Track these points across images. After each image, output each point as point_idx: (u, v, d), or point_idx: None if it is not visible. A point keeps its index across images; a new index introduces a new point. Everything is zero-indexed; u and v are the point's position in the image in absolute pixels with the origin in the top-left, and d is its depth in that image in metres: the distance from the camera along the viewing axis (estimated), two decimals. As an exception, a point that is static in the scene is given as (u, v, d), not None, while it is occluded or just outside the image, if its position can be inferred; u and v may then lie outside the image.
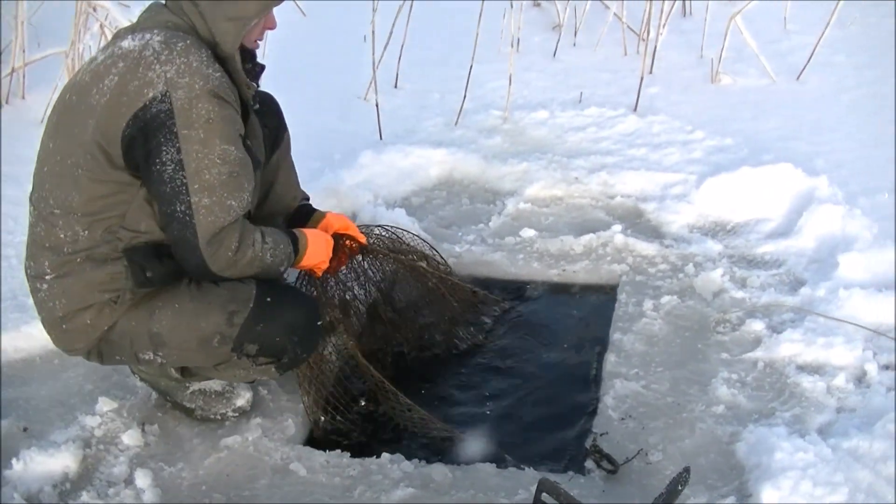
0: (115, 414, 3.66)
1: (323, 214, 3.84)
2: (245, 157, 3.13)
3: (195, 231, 3.02)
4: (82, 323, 3.22)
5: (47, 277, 3.18)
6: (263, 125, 3.51)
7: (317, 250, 3.53)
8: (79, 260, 3.14)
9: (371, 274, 4.08)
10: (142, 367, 3.60)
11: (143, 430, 3.59)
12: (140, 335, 3.25)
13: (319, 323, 3.49)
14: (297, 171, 3.92)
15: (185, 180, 2.98)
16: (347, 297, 4.00)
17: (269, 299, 3.30)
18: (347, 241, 3.80)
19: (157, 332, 3.24)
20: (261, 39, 3.34)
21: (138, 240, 3.18)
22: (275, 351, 3.35)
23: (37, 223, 3.20)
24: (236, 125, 3.11)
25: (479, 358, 4.08)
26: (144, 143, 2.98)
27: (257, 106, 3.37)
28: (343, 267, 3.90)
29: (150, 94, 2.95)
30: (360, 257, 3.97)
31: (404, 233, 4.18)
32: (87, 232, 3.11)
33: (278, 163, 3.76)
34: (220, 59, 3.12)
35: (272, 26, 3.30)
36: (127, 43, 3.06)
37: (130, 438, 3.53)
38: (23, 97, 6.56)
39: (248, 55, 3.27)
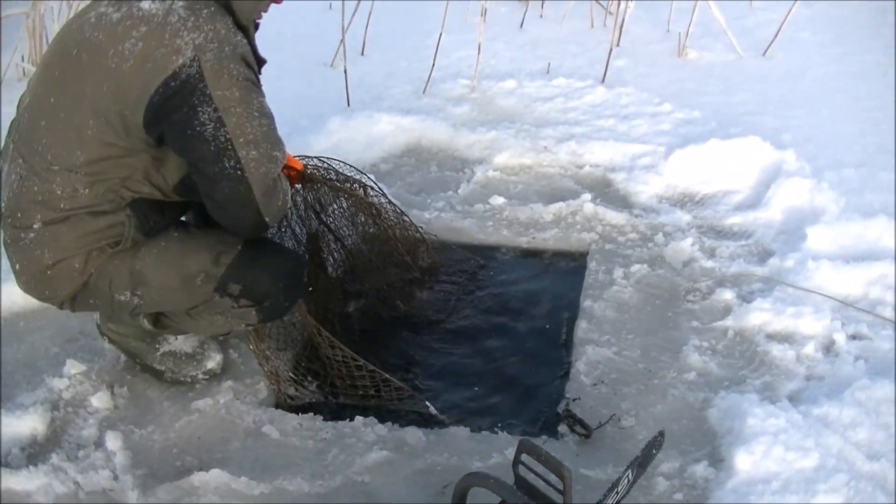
0: (84, 376, 3.63)
1: None
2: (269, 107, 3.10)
3: (249, 185, 2.99)
4: (70, 268, 3.12)
5: (35, 226, 3.07)
6: None
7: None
8: (73, 214, 3.04)
9: (310, 202, 3.98)
10: (111, 326, 3.59)
11: (112, 393, 3.56)
12: (121, 273, 3.17)
13: (305, 278, 3.49)
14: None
15: (228, 136, 2.92)
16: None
17: (257, 245, 3.29)
18: (283, 170, 3.73)
19: (140, 270, 3.17)
20: (265, 12, 3.25)
21: (142, 197, 3.12)
22: (258, 294, 3.31)
23: (28, 177, 3.05)
24: (257, 76, 3.08)
25: (448, 324, 4.07)
26: (176, 109, 2.89)
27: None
28: None
29: (179, 62, 2.86)
30: (298, 185, 3.84)
31: (339, 163, 4.07)
32: (87, 190, 3.02)
33: None
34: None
35: (279, 0, 3.21)
36: (147, 5, 2.94)
37: (99, 401, 3.51)
38: (-23, 59, 6.48)
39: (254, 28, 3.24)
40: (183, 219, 3.48)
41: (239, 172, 2.96)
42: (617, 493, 2.77)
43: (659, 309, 3.95)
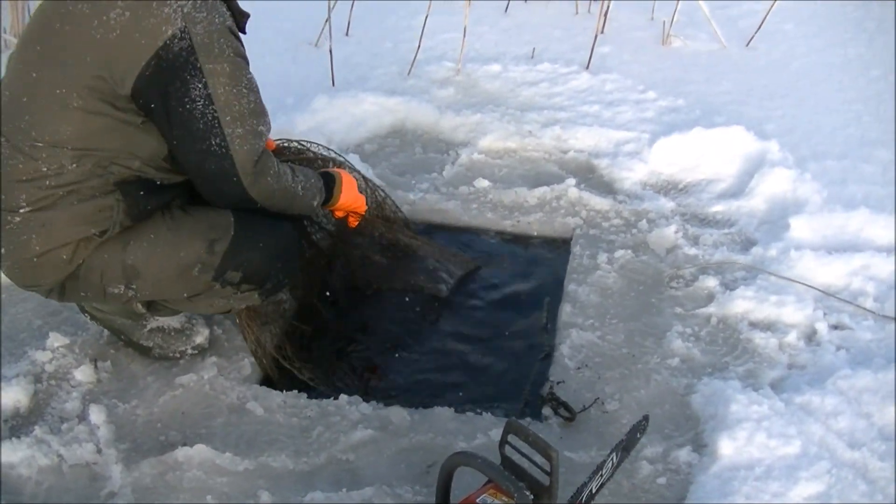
0: (67, 350, 3.61)
1: None
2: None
3: (233, 161, 2.99)
4: (58, 258, 3.06)
5: (22, 210, 2.99)
6: None
7: (351, 189, 3.59)
8: (62, 193, 2.98)
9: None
10: (95, 304, 3.54)
11: (95, 367, 3.54)
12: (112, 268, 3.13)
13: (298, 249, 3.51)
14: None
15: (216, 114, 2.92)
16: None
17: (248, 226, 3.26)
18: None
19: (132, 265, 3.13)
20: None
21: (130, 174, 3.06)
22: (258, 277, 3.31)
23: (12, 156, 2.97)
24: (247, 59, 3.08)
25: (433, 305, 4.08)
26: (168, 83, 2.88)
27: None
28: None
29: (169, 32, 2.83)
30: None
31: (319, 146, 4.07)
32: (75, 165, 2.96)
33: None
34: None
35: None
36: None
37: (83, 374, 3.49)
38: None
39: None
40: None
41: (224, 150, 2.97)
42: (601, 475, 2.79)
43: (642, 294, 3.96)
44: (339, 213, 3.72)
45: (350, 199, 3.59)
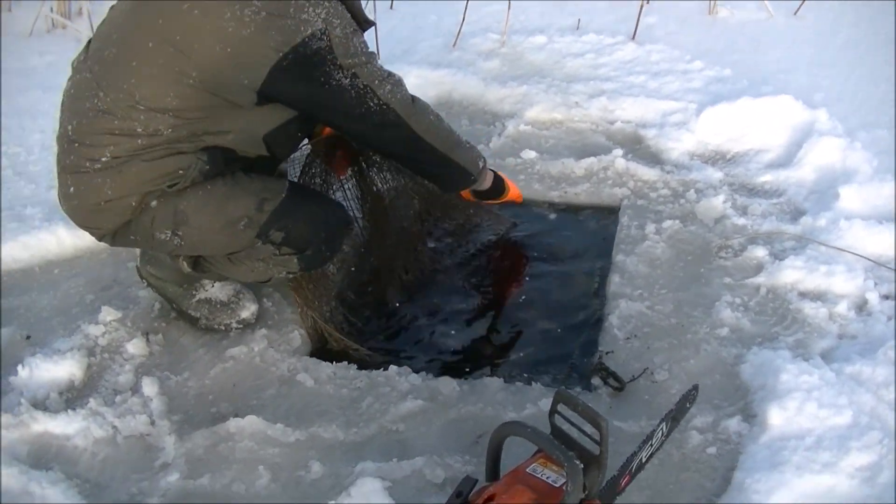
0: (119, 323, 3.67)
1: None
2: None
3: (396, 111, 3.27)
4: (124, 206, 3.17)
5: (104, 159, 3.10)
6: None
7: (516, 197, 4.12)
8: (148, 149, 3.10)
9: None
10: (150, 269, 3.63)
11: (147, 340, 3.60)
12: (163, 211, 3.20)
13: (346, 232, 3.61)
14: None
15: (365, 83, 3.16)
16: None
17: (301, 193, 3.38)
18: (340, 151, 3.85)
19: (182, 210, 3.20)
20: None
21: (219, 144, 3.19)
22: (300, 242, 3.36)
23: (107, 111, 3.07)
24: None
25: (481, 276, 4.09)
26: (307, 75, 3.07)
27: None
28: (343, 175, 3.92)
29: (309, 31, 2.98)
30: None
31: None
32: (171, 131, 3.07)
33: None
34: None
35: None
36: None
37: (135, 348, 3.55)
38: (9, 10, 6.49)
39: None
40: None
41: (385, 105, 3.23)
42: (651, 445, 2.79)
43: (691, 265, 3.94)
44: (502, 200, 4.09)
45: (516, 192, 4.11)
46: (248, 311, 3.65)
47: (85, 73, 3.17)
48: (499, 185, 3.97)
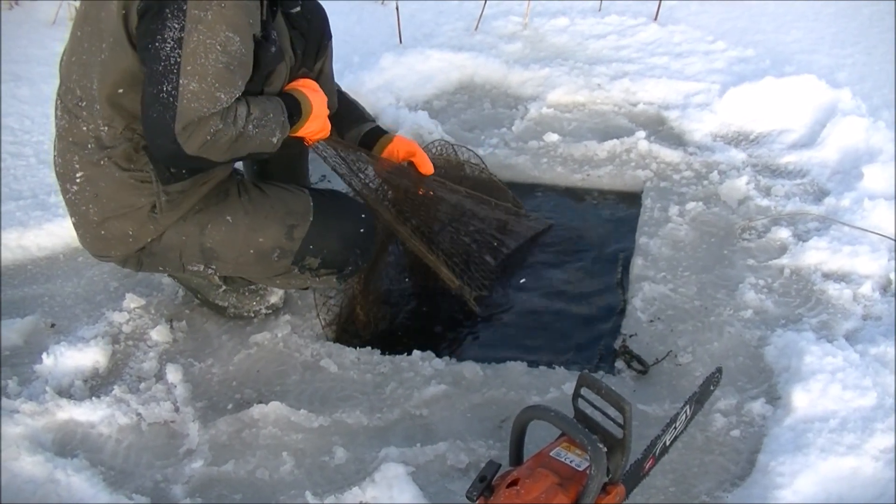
0: (143, 311, 3.68)
1: (390, 139, 3.62)
2: (247, 54, 2.89)
3: (175, 115, 2.78)
4: (122, 232, 3.14)
5: (77, 179, 3.08)
6: (305, 32, 3.30)
7: (319, 117, 3.24)
8: (103, 163, 3.03)
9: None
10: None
11: (171, 327, 3.62)
12: (191, 248, 3.20)
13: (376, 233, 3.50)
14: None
15: (178, 59, 2.76)
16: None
17: (327, 210, 3.28)
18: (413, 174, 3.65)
19: (210, 248, 3.20)
20: None
21: None
22: (337, 264, 3.35)
23: (62, 116, 3.09)
24: (250, 17, 2.87)
25: (505, 259, 4.08)
26: (154, 16, 2.77)
27: (298, 8, 3.22)
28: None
29: None
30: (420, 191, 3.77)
31: (461, 148, 4.11)
32: (107, 128, 2.99)
33: (320, 70, 3.49)
34: None
35: None
36: None
37: (159, 335, 3.56)
38: (32, -1, 6.52)
39: None
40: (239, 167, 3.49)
41: (171, 100, 2.78)
42: (675, 428, 2.79)
43: (714, 247, 3.93)
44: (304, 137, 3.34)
45: (312, 128, 3.23)
46: (276, 295, 3.65)
47: (58, 99, 3.16)
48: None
